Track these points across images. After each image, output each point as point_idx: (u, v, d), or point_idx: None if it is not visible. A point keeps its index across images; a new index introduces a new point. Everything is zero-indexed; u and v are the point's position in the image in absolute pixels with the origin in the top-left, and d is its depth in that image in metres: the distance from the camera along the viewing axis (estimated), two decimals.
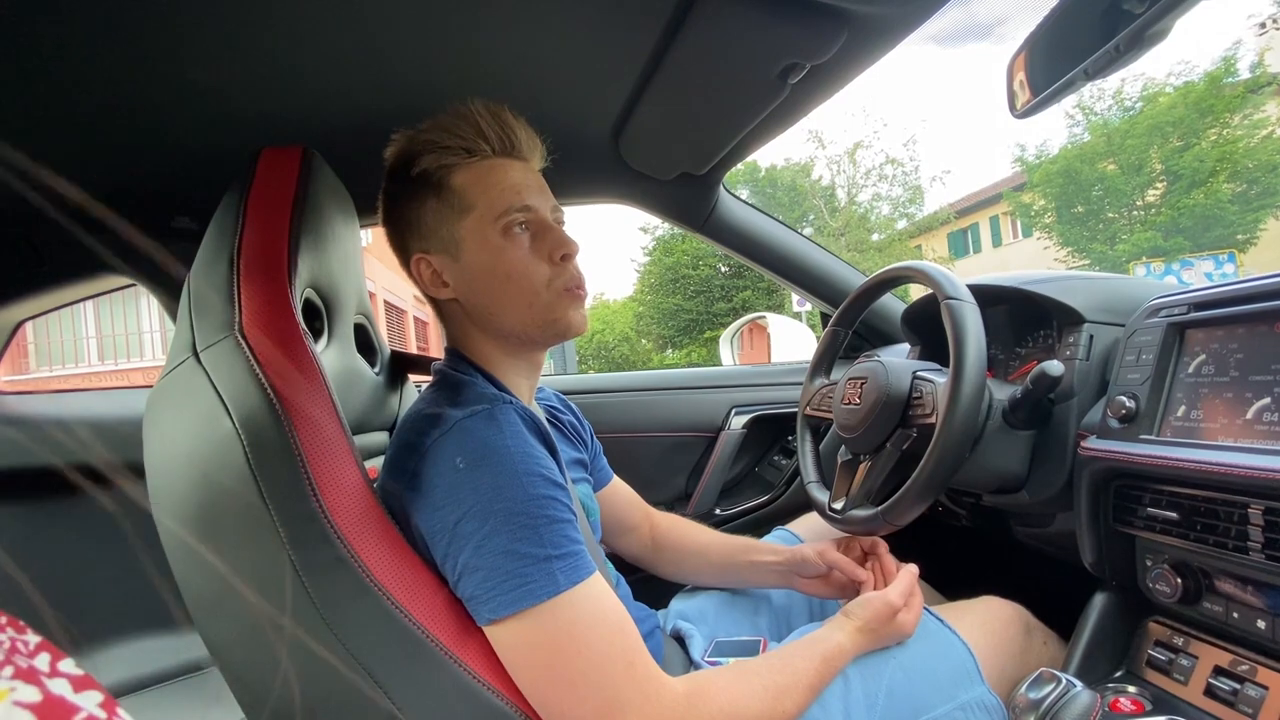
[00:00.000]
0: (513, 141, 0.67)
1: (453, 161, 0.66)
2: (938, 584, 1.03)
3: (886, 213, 17.26)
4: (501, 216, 0.65)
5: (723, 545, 0.93)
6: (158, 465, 0.56)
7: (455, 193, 0.65)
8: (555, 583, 0.53)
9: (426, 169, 0.66)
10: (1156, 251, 10.99)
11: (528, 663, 0.54)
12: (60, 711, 0.17)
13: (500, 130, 0.66)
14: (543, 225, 0.68)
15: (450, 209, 0.66)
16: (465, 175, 0.66)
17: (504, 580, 0.52)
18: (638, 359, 18.39)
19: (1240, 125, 10.53)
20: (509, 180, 0.66)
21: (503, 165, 0.67)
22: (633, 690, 0.53)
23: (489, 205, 0.65)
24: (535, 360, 0.73)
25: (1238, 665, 0.60)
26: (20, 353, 7.80)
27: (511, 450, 0.56)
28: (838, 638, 0.67)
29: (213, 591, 0.55)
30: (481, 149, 0.66)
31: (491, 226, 0.65)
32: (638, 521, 0.96)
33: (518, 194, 0.66)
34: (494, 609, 0.53)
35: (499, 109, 0.67)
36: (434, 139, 0.66)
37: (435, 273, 0.68)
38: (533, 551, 0.53)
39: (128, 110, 0.79)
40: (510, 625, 0.53)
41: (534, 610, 0.52)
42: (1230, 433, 0.60)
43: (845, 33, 0.72)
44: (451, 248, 0.66)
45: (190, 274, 0.61)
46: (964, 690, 0.68)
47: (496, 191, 0.66)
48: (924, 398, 0.77)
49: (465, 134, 0.65)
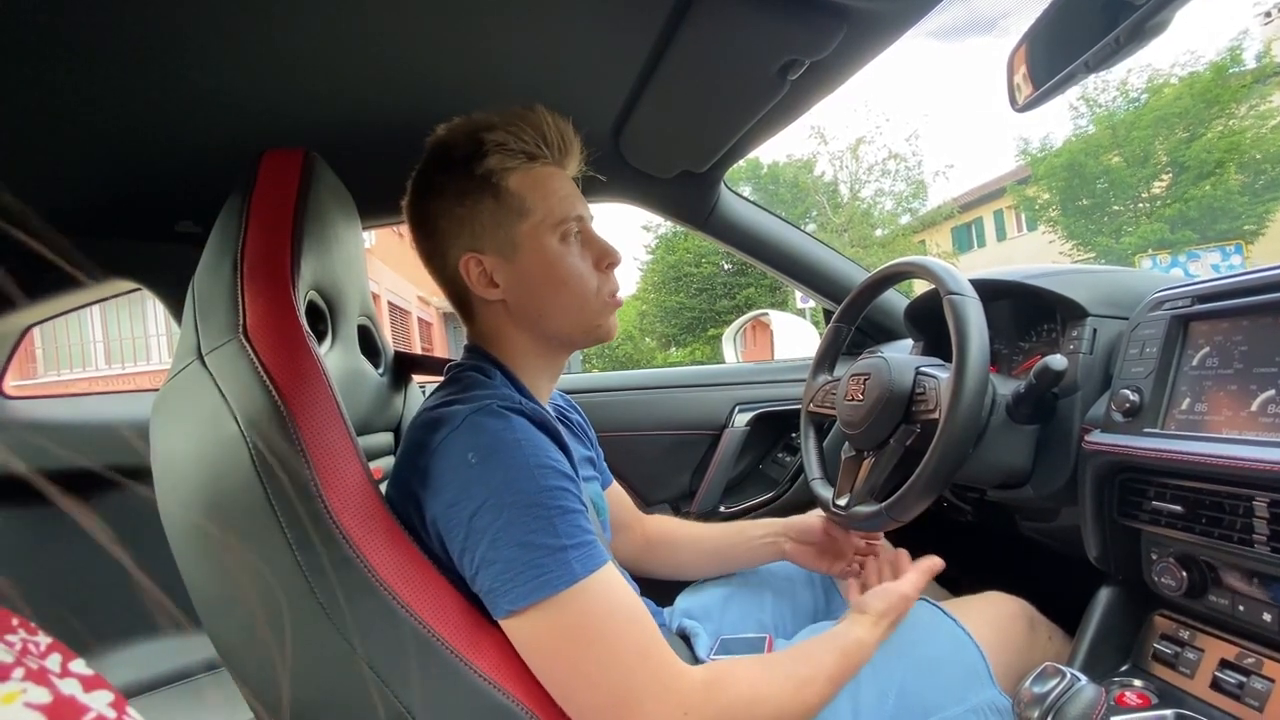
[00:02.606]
0: (569, 153, 0.70)
1: (514, 165, 0.66)
2: (942, 579, 1.02)
3: (889, 208, 17.22)
4: (560, 224, 0.67)
5: (716, 531, 0.95)
6: (164, 468, 0.57)
7: (514, 195, 0.66)
8: (572, 572, 0.53)
9: (491, 169, 0.66)
10: (1163, 243, 10.91)
11: (546, 653, 0.54)
12: (70, 711, 0.18)
13: (562, 140, 0.69)
14: (590, 234, 0.70)
15: (509, 212, 0.66)
16: (522, 179, 0.67)
17: (521, 571, 0.52)
18: (641, 357, 18.38)
19: (1247, 116, 10.42)
20: (564, 189, 0.69)
21: (557, 174, 0.69)
22: (649, 678, 0.53)
23: (549, 211, 0.67)
24: (561, 363, 0.75)
25: (1244, 658, 0.60)
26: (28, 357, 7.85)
27: (522, 444, 0.57)
28: (856, 632, 0.67)
29: (220, 593, 0.56)
30: (543, 155, 0.68)
31: (550, 232, 0.67)
32: (630, 522, 0.97)
33: (572, 204, 0.68)
34: (512, 600, 0.53)
35: (557, 118, 0.69)
36: (500, 140, 0.66)
37: (485, 273, 0.68)
38: (548, 542, 0.53)
39: (130, 114, 0.80)
40: (528, 616, 0.53)
41: (551, 600, 0.53)
42: (1235, 425, 0.60)
43: (844, 28, 0.72)
44: (507, 249, 0.67)
45: (194, 277, 0.61)
46: (975, 692, 0.68)
47: (556, 199, 0.67)
48: (927, 393, 0.77)
49: (530, 139, 0.66)
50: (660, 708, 0.53)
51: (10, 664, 0.18)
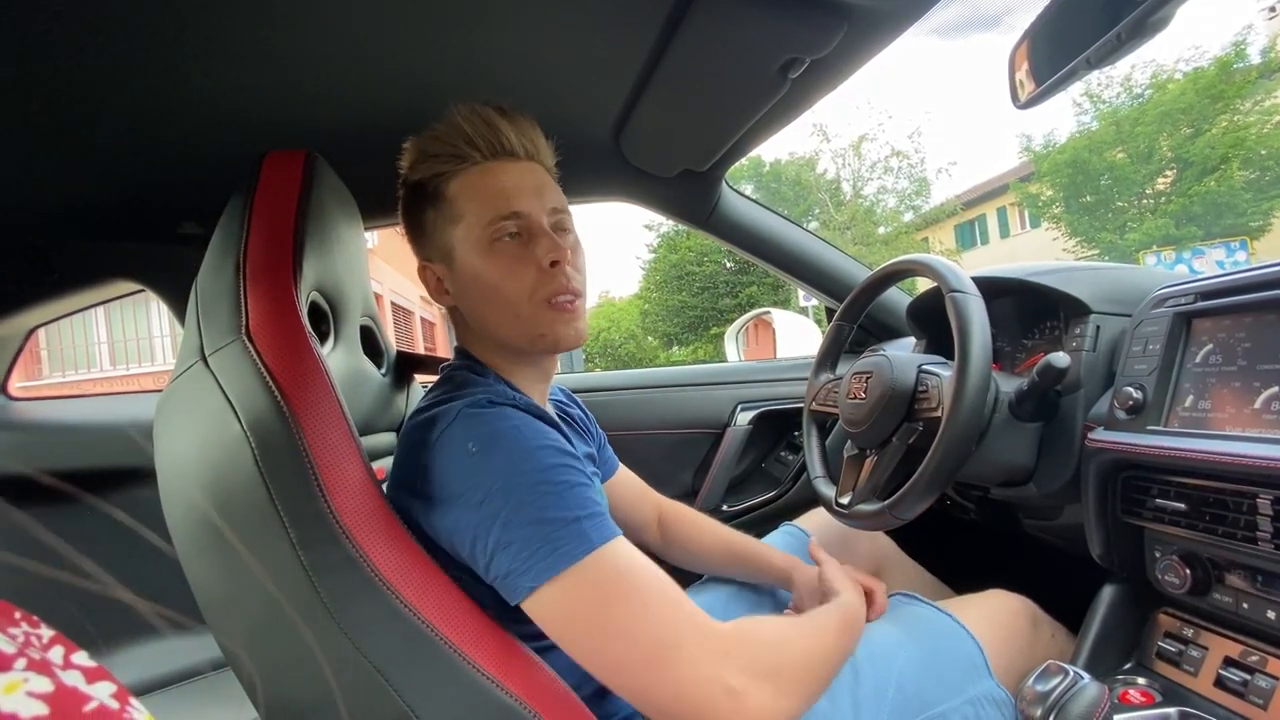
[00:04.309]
0: (502, 142, 0.65)
1: (445, 169, 0.65)
2: (945, 577, 1.03)
3: (892, 206, 17.16)
4: (488, 226, 0.64)
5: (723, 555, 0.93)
6: (168, 468, 0.57)
7: (449, 201, 0.66)
8: (588, 540, 0.52)
9: (422, 179, 0.67)
10: (1168, 240, 10.86)
11: (575, 622, 0.53)
12: (73, 700, 0.18)
13: (488, 132, 0.65)
14: (534, 230, 0.65)
15: (444, 218, 0.66)
16: (458, 183, 0.65)
17: (539, 548, 0.52)
18: (644, 356, 18.37)
19: (1252, 111, 10.36)
20: (499, 185, 0.65)
21: (494, 169, 0.65)
22: (686, 625, 0.53)
23: (476, 214, 0.64)
24: (543, 367, 0.73)
25: (1248, 656, 0.59)
26: (33, 359, 7.88)
27: (519, 428, 0.57)
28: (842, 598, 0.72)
29: (224, 592, 0.56)
30: (470, 155, 0.65)
31: (479, 236, 0.64)
32: (647, 519, 0.96)
33: (506, 200, 0.64)
34: (534, 577, 0.52)
35: (484, 110, 0.65)
36: (425, 148, 0.66)
37: (438, 280, 0.69)
38: (560, 515, 0.53)
39: (133, 117, 0.80)
40: (552, 590, 0.52)
41: (573, 570, 0.52)
42: (1238, 422, 0.59)
43: (845, 26, 0.72)
44: (447, 257, 0.67)
45: (197, 279, 0.61)
46: (973, 684, 0.68)
47: (485, 199, 0.64)
48: (929, 391, 0.76)
49: (453, 141, 0.64)
50: (700, 651, 0.52)
51: (12, 654, 0.18)
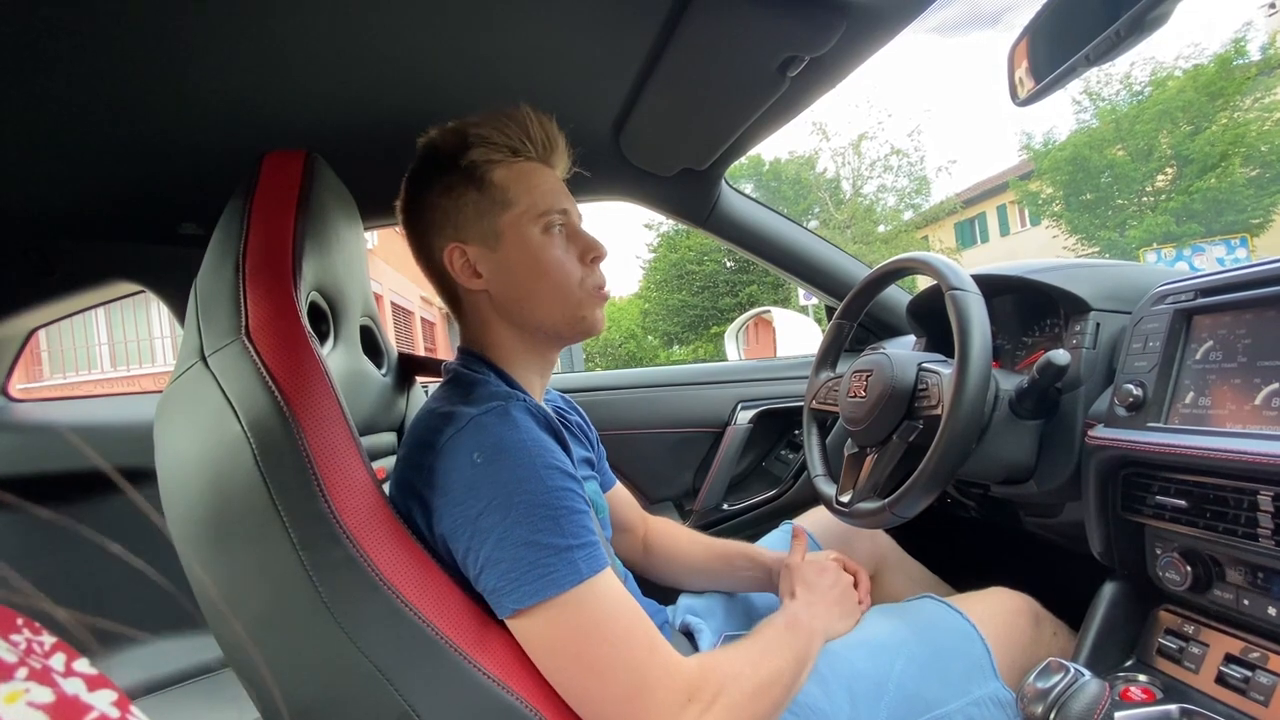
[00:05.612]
0: (553, 150, 0.71)
1: (498, 158, 0.68)
2: (946, 575, 1.03)
3: (892, 204, 17.17)
4: (543, 215, 0.68)
5: (705, 554, 0.94)
6: (168, 468, 0.57)
7: (497, 187, 0.68)
8: (578, 571, 0.54)
9: (474, 161, 0.67)
10: (1168, 237, 10.84)
11: (554, 651, 0.55)
12: (73, 711, 0.18)
13: (546, 137, 0.70)
14: (575, 228, 0.71)
15: (492, 202, 0.67)
16: (508, 172, 0.68)
17: (528, 570, 0.53)
18: (644, 355, 18.38)
19: (1252, 108, 10.36)
20: (548, 184, 0.70)
21: (541, 170, 0.70)
22: (658, 669, 0.55)
23: (532, 203, 0.68)
24: (550, 358, 0.75)
25: (1249, 652, 0.59)
26: (34, 360, 7.89)
27: (527, 444, 0.57)
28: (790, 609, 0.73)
29: (225, 593, 0.56)
30: (527, 150, 0.69)
31: (533, 223, 0.68)
32: (634, 523, 0.97)
33: (555, 198, 0.69)
34: (518, 599, 0.53)
35: (548, 118, 0.71)
36: (484, 134, 0.68)
37: (468, 263, 0.69)
38: (555, 541, 0.54)
39: (132, 118, 0.80)
40: (535, 615, 0.54)
41: (559, 599, 0.53)
42: (1238, 419, 0.59)
43: (844, 24, 0.72)
44: (490, 239, 0.68)
45: (197, 279, 0.61)
46: (977, 685, 0.68)
47: (539, 192, 0.68)
48: (929, 389, 0.76)
49: (513, 134, 0.68)
50: (669, 695, 0.54)
51: (14, 664, 0.18)
